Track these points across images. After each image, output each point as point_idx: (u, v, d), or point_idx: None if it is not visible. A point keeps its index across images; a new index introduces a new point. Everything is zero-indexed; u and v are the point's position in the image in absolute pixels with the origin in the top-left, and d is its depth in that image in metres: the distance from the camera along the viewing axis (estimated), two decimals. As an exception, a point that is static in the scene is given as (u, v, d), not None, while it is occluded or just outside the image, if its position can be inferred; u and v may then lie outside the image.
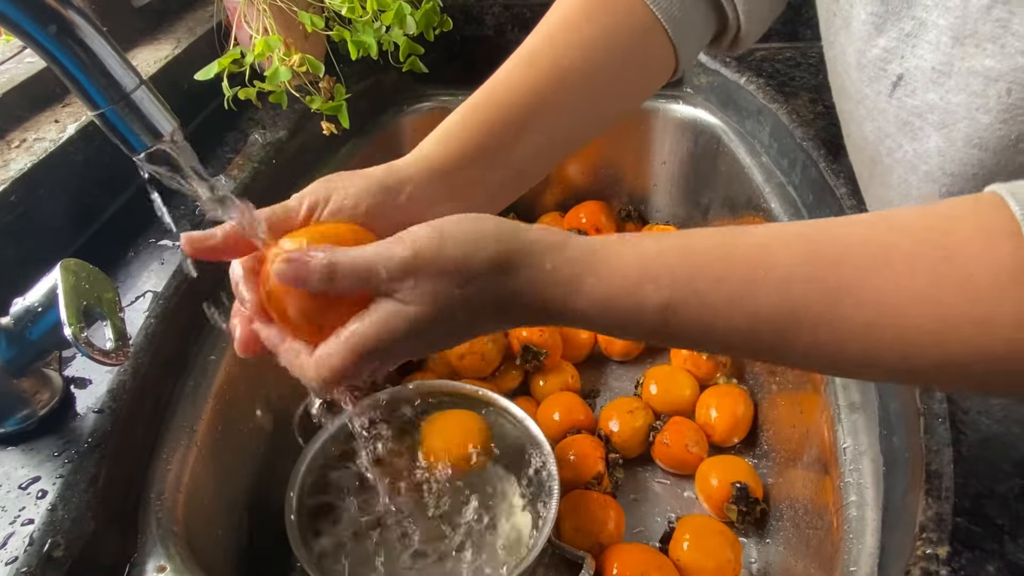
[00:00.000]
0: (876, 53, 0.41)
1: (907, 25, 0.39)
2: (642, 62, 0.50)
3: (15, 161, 0.60)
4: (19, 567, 0.41)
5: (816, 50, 0.92)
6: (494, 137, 0.46)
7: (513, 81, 0.47)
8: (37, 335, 0.46)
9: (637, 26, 0.49)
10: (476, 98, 0.47)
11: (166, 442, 0.56)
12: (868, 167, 0.48)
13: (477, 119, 0.46)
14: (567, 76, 0.47)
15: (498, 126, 0.46)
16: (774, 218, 0.77)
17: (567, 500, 0.72)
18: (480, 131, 0.46)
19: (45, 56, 0.34)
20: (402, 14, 0.83)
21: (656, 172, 1.04)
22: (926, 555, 0.40)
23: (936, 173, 0.41)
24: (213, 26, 0.86)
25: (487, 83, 0.48)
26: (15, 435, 0.48)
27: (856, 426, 0.56)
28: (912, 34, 0.39)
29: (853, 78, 0.44)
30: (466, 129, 0.46)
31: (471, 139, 0.45)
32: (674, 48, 0.50)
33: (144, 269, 0.61)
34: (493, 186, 0.47)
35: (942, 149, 0.40)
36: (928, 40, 0.38)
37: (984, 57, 0.35)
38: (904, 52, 0.40)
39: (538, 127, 0.47)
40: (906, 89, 0.40)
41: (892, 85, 0.41)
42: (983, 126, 0.37)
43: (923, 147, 0.41)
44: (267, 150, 0.77)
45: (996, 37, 0.35)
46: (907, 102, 0.40)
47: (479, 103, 0.47)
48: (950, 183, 0.40)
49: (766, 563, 0.72)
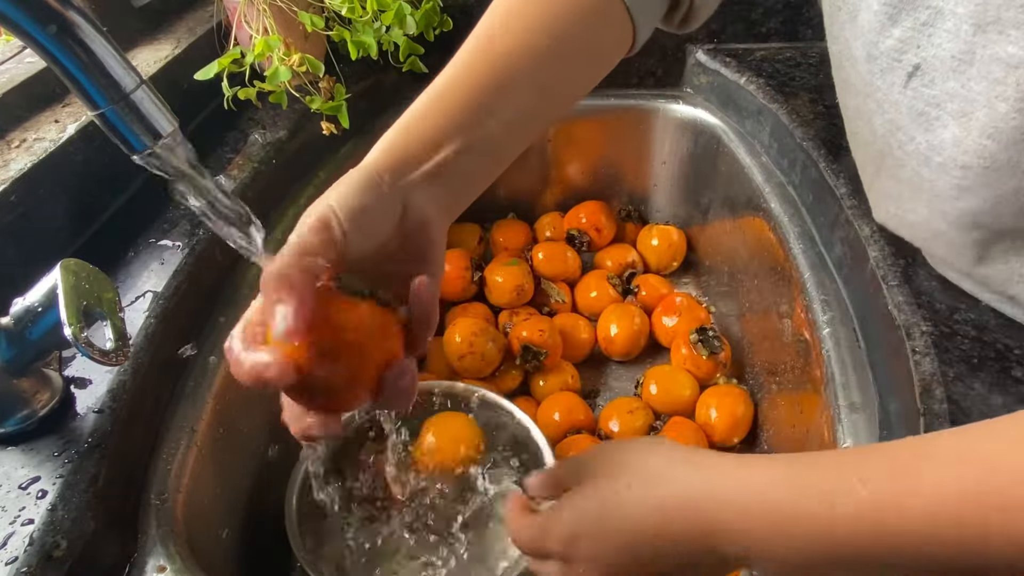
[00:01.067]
0: (890, 44, 0.41)
1: (922, 15, 0.39)
2: (602, 38, 0.50)
3: (15, 161, 0.60)
4: (19, 567, 0.41)
5: (816, 50, 0.92)
6: (461, 117, 0.45)
7: (475, 62, 0.46)
8: (37, 335, 0.46)
9: (598, 2, 0.48)
10: (438, 82, 0.46)
11: (166, 442, 0.56)
12: (876, 162, 0.48)
13: (442, 103, 0.45)
14: (526, 52, 0.46)
15: (462, 107, 0.45)
16: (774, 218, 0.77)
17: (567, 500, 0.72)
18: (445, 114, 0.44)
19: (45, 56, 0.34)
20: (402, 14, 0.83)
21: (656, 172, 1.04)
22: (926, 555, 0.40)
23: (949, 165, 0.41)
24: (213, 26, 0.86)
25: (448, 67, 0.46)
26: (15, 435, 0.48)
27: (856, 426, 0.56)
28: (928, 23, 0.39)
29: (861, 71, 0.44)
30: (430, 114, 0.45)
31: (437, 123, 0.44)
32: (632, 23, 0.49)
33: (144, 269, 0.61)
34: (468, 169, 0.46)
35: (958, 139, 0.39)
36: (946, 28, 0.38)
37: (1007, 44, 0.35)
38: (920, 41, 0.39)
39: (504, 106, 0.46)
40: (923, 79, 0.40)
41: (908, 75, 0.41)
42: (1000, 115, 0.37)
43: (938, 138, 0.41)
44: (267, 150, 0.77)
45: (1020, 23, 0.35)
46: (924, 92, 0.40)
47: (442, 86, 0.45)
48: (961, 176, 0.40)
49: (766, 563, 0.72)
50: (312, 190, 0.84)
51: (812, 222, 0.73)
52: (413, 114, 0.45)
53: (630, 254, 1.03)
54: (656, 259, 1.04)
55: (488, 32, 0.47)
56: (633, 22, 0.49)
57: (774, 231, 0.77)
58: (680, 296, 0.96)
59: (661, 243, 1.03)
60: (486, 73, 0.46)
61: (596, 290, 0.98)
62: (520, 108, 0.47)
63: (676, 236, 1.03)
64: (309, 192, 0.83)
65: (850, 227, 0.63)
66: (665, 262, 1.04)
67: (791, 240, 0.73)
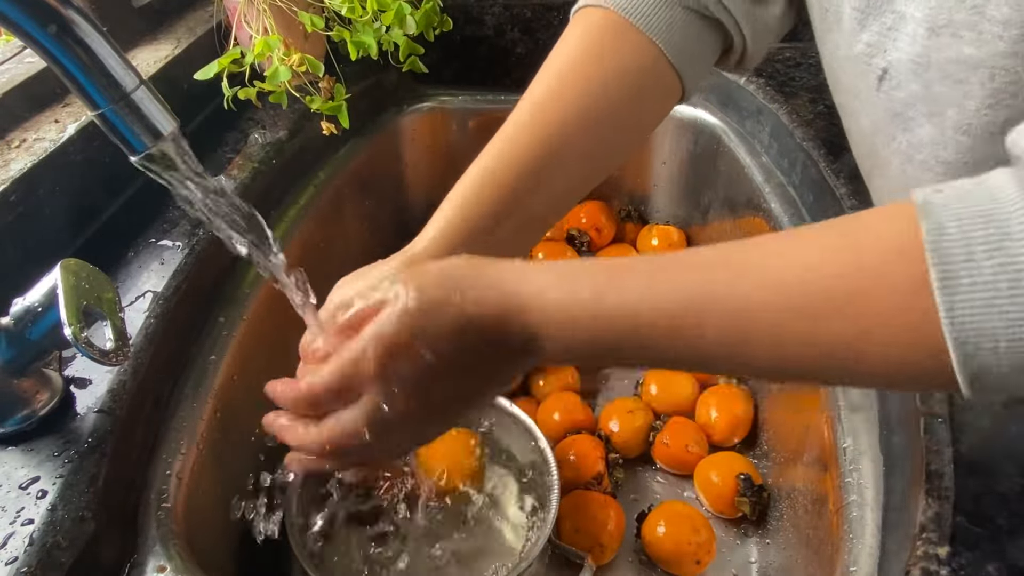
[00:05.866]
0: (861, 48, 0.42)
1: (888, 19, 0.39)
2: (651, 97, 0.51)
3: (15, 161, 0.60)
4: (19, 567, 0.41)
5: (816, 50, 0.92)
6: (511, 199, 0.47)
7: (522, 138, 0.48)
8: (37, 335, 0.46)
9: (643, 62, 0.49)
10: (486, 161, 0.48)
11: (166, 442, 0.55)
12: (869, 159, 0.48)
13: (491, 185, 0.47)
14: (579, 124, 0.48)
15: (512, 187, 0.47)
16: (774, 218, 0.77)
17: (567, 500, 0.72)
18: (495, 197, 0.47)
19: (45, 56, 0.34)
20: (402, 14, 0.83)
21: (656, 172, 1.04)
22: (926, 555, 0.40)
23: (931, 162, 0.41)
24: (213, 26, 0.86)
25: (496, 142, 0.48)
26: (15, 435, 0.48)
27: (856, 426, 0.56)
28: (893, 27, 0.39)
29: (848, 72, 0.45)
30: (482, 197, 0.47)
31: (488, 205, 0.46)
32: (677, 73, 0.50)
33: (144, 269, 0.61)
34: (513, 241, 0.48)
35: (934, 138, 0.40)
36: (907, 33, 0.38)
37: (963, 45, 0.36)
38: (887, 46, 0.40)
39: (553, 178, 0.48)
40: (892, 82, 0.41)
41: (878, 79, 0.41)
42: (971, 112, 0.37)
43: (916, 137, 0.41)
44: (267, 150, 0.77)
45: (973, 24, 0.35)
46: (895, 95, 0.41)
47: (490, 168, 0.47)
48: (943, 170, 0.41)
49: (766, 563, 0.72)
50: (312, 190, 0.84)
51: (812, 222, 0.73)
52: (466, 196, 0.47)
53: (630, 254, 1.03)
54: (656, 259, 1.03)
55: (540, 100, 0.49)
56: (680, 76, 0.50)
57: (774, 231, 0.77)
58: (680, 296, 0.96)
59: (661, 243, 1.03)
60: (536, 147, 0.47)
61: (596, 290, 0.98)
62: (569, 178, 0.49)
63: (676, 236, 1.03)
64: (309, 192, 0.83)
65: (850, 227, 0.63)
66: (665, 262, 1.03)
67: (791, 240, 0.73)
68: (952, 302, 0.27)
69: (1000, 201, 0.28)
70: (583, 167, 0.50)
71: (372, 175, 0.97)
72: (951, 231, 0.28)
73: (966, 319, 0.27)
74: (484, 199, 0.47)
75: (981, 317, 0.27)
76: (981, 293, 0.27)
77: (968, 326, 0.27)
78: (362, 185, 0.95)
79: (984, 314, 0.27)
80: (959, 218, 0.28)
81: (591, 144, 0.49)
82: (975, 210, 0.28)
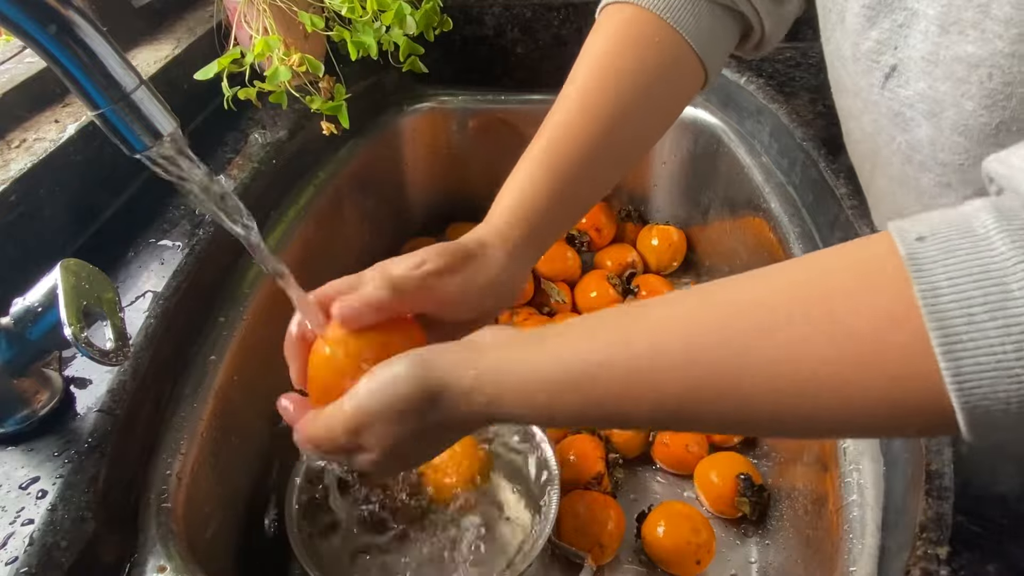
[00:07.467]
0: (869, 45, 0.42)
1: (899, 16, 0.39)
2: (679, 85, 0.54)
3: (15, 161, 0.60)
4: (19, 567, 0.41)
5: (816, 50, 0.92)
6: (564, 187, 0.50)
7: (572, 129, 0.51)
8: (37, 335, 0.46)
9: (673, 53, 0.52)
10: (538, 153, 0.51)
11: (166, 442, 0.56)
12: (869, 160, 0.48)
13: (545, 174, 0.50)
14: (622, 112, 0.51)
15: (565, 176, 0.50)
16: (774, 218, 0.77)
17: (567, 500, 0.72)
18: (550, 186, 0.50)
19: (45, 56, 0.34)
20: (402, 14, 0.83)
21: (656, 172, 1.04)
22: (926, 555, 0.40)
23: (929, 163, 0.41)
24: (213, 26, 0.86)
25: (545, 132, 0.51)
26: (15, 435, 0.48)
27: (856, 426, 0.56)
28: (905, 24, 0.39)
29: (850, 71, 0.45)
30: (537, 187, 0.50)
31: (544, 194, 0.50)
32: (702, 62, 0.53)
33: (144, 269, 0.61)
34: (562, 225, 0.53)
35: (932, 138, 0.40)
36: (919, 30, 0.38)
37: (966, 44, 0.36)
38: (897, 43, 0.40)
39: (600, 166, 0.51)
40: (899, 80, 0.41)
41: (885, 76, 0.41)
42: (968, 112, 0.37)
43: (914, 137, 0.41)
44: (267, 150, 0.77)
45: (977, 23, 0.35)
46: (899, 93, 0.41)
47: (542, 159, 0.50)
48: (941, 172, 0.41)
49: (766, 563, 0.72)
50: (312, 190, 0.84)
51: (812, 222, 0.73)
52: (523, 185, 0.50)
53: (630, 254, 1.03)
54: (656, 259, 1.04)
55: (582, 88, 0.52)
56: (703, 62, 0.53)
57: (774, 231, 0.77)
58: (680, 296, 0.96)
59: (661, 243, 1.03)
60: (584, 135, 0.51)
61: (596, 290, 0.98)
62: (611, 163, 0.53)
63: (676, 236, 1.03)
64: (309, 192, 0.83)
65: (850, 227, 0.63)
66: (665, 262, 1.04)
67: (791, 240, 0.73)
68: (958, 367, 0.26)
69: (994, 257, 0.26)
70: (622, 152, 0.53)
71: (372, 175, 0.97)
72: (945, 291, 0.26)
73: (974, 384, 0.26)
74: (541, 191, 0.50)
75: (990, 381, 0.25)
76: (987, 356, 0.25)
77: (977, 391, 0.26)
78: (362, 185, 0.95)
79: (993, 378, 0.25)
80: (951, 277, 0.26)
81: (630, 129, 0.52)
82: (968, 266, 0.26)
